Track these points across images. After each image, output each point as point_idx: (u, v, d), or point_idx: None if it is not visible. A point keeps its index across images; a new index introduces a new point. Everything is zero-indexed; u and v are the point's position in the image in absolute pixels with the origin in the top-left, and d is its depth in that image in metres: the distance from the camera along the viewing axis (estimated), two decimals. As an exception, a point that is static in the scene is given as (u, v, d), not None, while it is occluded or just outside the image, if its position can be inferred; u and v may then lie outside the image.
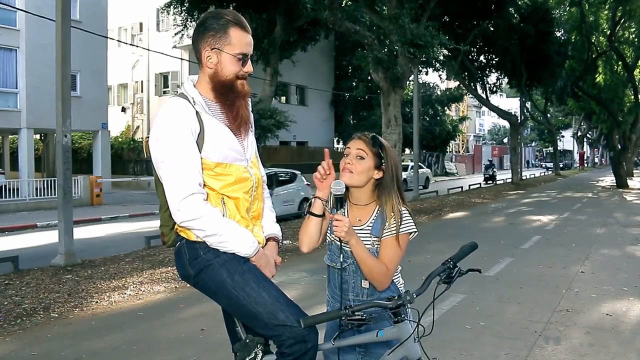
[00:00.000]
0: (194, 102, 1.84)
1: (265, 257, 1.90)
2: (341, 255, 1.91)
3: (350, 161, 1.91)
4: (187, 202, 1.75)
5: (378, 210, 1.93)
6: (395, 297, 1.75)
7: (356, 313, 1.68)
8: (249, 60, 1.91)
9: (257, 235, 1.91)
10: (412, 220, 1.94)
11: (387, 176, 1.91)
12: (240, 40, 1.86)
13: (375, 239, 1.91)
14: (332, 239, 1.97)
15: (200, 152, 1.81)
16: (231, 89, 1.88)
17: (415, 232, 1.94)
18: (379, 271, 1.87)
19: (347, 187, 1.91)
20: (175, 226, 1.93)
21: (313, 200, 1.94)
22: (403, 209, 1.94)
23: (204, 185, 1.82)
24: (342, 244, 1.90)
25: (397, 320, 1.79)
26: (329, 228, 1.99)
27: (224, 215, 1.84)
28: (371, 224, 1.92)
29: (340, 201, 1.87)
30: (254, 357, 1.79)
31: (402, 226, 1.91)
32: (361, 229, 1.92)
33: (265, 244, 1.97)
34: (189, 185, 1.75)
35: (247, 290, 1.79)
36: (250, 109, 2.03)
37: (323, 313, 1.74)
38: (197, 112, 1.82)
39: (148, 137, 2.12)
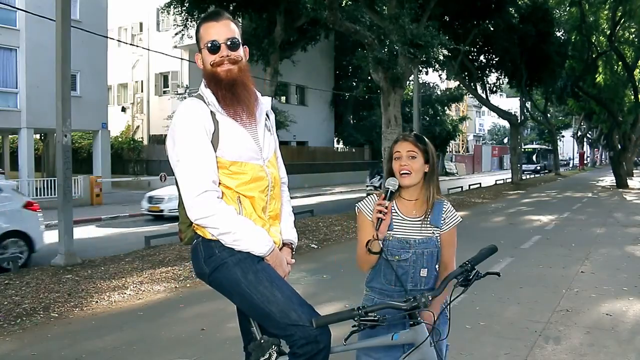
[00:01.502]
0: (208, 102, 1.88)
1: (279, 257, 1.91)
2: (401, 248, 2.00)
3: (406, 162, 2.02)
4: (200, 200, 1.77)
5: (430, 201, 2.05)
6: (411, 299, 1.74)
7: (369, 314, 1.67)
8: (224, 45, 1.90)
9: (273, 235, 1.93)
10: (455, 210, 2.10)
11: (432, 168, 2.05)
12: (206, 31, 1.92)
13: (436, 228, 2.03)
14: (390, 235, 2.02)
15: (215, 151, 1.83)
16: (212, 78, 1.91)
17: (460, 220, 2.11)
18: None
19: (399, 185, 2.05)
20: (193, 224, 1.94)
21: (372, 241, 1.95)
22: (446, 202, 2.10)
23: (220, 183, 1.84)
24: (402, 236, 2.00)
25: (413, 323, 1.78)
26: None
27: (239, 214, 1.85)
28: (429, 215, 2.03)
29: (391, 195, 1.97)
30: (268, 358, 1.80)
31: (453, 219, 2.08)
32: (418, 220, 2.03)
33: (281, 248, 1.99)
34: (203, 182, 1.78)
35: (261, 289, 1.80)
36: (269, 107, 2.06)
37: (335, 313, 1.73)
38: (211, 112, 1.86)
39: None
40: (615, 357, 3.79)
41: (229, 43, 1.90)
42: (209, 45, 1.89)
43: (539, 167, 45.68)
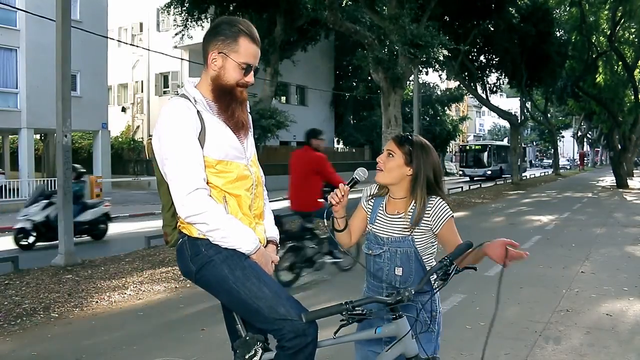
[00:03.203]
0: (195, 101, 1.89)
1: (265, 255, 1.94)
2: (376, 244, 2.04)
3: (381, 159, 2.03)
4: (191, 197, 1.79)
5: (415, 204, 2.01)
6: (394, 293, 1.78)
7: (356, 308, 1.72)
8: (252, 71, 1.95)
9: (258, 234, 1.95)
10: (447, 206, 2.01)
11: (414, 172, 2.00)
12: (247, 50, 1.92)
13: (416, 226, 1.99)
14: (370, 228, 2.08)
15: (202, 150, 1.85)
16: (229, 93, 1.93)
17: (452, 215, 2.02)
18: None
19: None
20: (178, 224, 1.97)
21: (334, 220, 2.10)
22: (434, 198, 2.00)
23: (207, 182, 1.86)
24: (377, 233, 2.04)
25: (396, 316, 1.82)
26: (368, 219, 2.11)
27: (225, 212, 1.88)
28: (409, 213, 2.01)
29: (354, 183, 2.01)
30: (254, 354, 1.81)
31: (442, 216, 1.99)
32: (399, 218, 2.02)
33: (265, 246, 2.01)
34: (194, 180, 1.80)
35: (248, 286, 1.82)
36: (249, 111, 2.09)
37: (324, 308, 1.76)
38: (198, 111, 1.87)
39: (150, 138, 2.14)
40: (615, 357, 3.79)
41: (256, 71, 1.98)
42: (246, 67, 1.92)
43: (489, 172, 32.28)
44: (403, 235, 1.99)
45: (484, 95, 27.64)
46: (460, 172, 35.40)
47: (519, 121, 29.64)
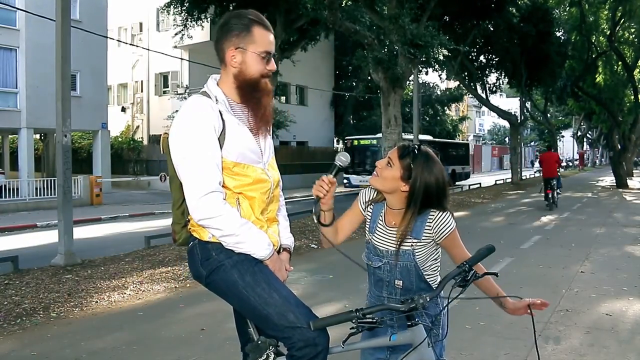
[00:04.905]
0: (216, 100, 1.85)
1: (278, 261, 1.91)
2: (376, 256, 1.97)
3: (380, 165, 1.94)
4: (206, 200, 1.74)
5: (408, 219, 1.91)
6: (409, 300, 1.72)
7: (367, 316, 1.66)
8: (272, 59, 1.91)
9: (271, 237, 1.91)
10: (450, 218, 1.91)
11: (410, 189, 1.87)
12: (264, 38, 1.88)
13: (415, 240, 1.90)
14: (369, 238, 2.00)
15: (221, 151, 1.81)
16: (256, 87, 1.89)
17: (453, 226, 1.93)
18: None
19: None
20: (189, 226, 1.93)
21: (321, 213, 2.00)
22: (434, 211, 1.90)
23: (223, 184, 1.82)
24: (377, 244, 1.96)
25: (411, 324, 1.77)
26: (367, 227, 2.03)
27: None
28: (409, 228, 1.90)
29: (336, 170, 1.95)
30: (266, 359, 1.79)
31: (444, 229, 1.89)
32: (395, 232, 1.93)
33: (280, 253, 1.98)
34: (210, 182, 1.75)
35: (258, 291, 1.79)
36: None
37: (333, 315, 1.71)
38: (220, 111, 1.83)
39: (167, 133, 2.15)
40: (615, 357, 3.79)
41: (274, 57, 1.93)
42: (266, 55, 1.88)
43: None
44: (402, 249, 1.90)
45: (483, 95, 27.63)
46: (345, 181, 22.92)
47: (519, 121, 29.64)
